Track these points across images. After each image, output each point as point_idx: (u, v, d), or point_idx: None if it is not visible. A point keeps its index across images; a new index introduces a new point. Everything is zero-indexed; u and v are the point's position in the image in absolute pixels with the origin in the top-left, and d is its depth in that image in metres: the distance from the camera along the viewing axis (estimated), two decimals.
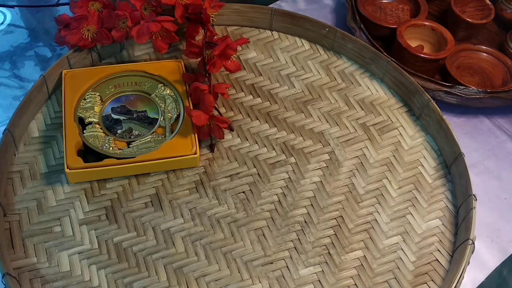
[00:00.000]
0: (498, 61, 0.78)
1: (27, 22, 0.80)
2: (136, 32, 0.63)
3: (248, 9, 0.74)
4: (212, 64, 0.63)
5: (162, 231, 0.57)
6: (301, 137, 0.65)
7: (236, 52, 0.64)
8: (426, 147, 0.66)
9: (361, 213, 0.60)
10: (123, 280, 0.53)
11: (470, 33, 0.81)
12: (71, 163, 0.57)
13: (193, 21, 0.67)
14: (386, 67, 0.70)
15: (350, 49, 0.72)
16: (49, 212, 0.57)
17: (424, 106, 0.66)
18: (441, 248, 0.58)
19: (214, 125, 0.61)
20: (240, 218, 0.58)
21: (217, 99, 0.64)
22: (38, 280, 0.52)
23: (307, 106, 0.68)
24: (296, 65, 0.72)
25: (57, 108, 0.64)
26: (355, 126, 0.67)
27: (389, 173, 0.63)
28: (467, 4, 0.82)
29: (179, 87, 0.64)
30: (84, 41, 0.65)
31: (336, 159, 0.64)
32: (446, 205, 0.61)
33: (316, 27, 0.73)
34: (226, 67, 0.65)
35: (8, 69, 0.74)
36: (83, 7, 0.66)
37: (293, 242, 0.57)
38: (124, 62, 0.69)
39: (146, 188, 0.59)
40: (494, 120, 0.74)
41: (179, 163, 0.60)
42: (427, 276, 0.56)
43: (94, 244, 0.55)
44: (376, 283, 0.55)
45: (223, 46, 0.62)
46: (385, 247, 0.58)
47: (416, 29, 0.77)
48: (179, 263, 0.55)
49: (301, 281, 0.55)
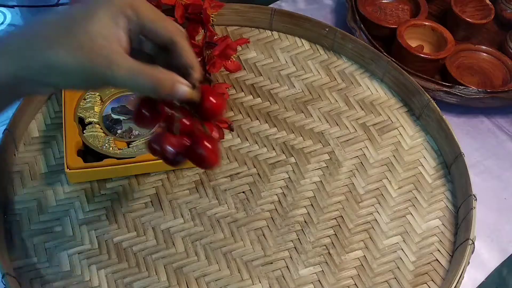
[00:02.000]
0: (498, 61, 0.78)
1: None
2: None
3: (248, 9, 0.74)
4: (212, 64, 0.63)
5: (162, 231, 0.57)
6: (301, 137, 0.65)
7: (236, 52, 0.64)
8: (426, 147, 0.66)
9: (361, 213, 0.60)
10: (123, 280, 0.53)
11: (470, 33, 0.81)
12: (71, 163, 0.57)
13: (193, 21, 0.67)
14: (386, 67, 0.70)
15: (350, 49, 0.72)
16: (49, 212, 0.57)
17: (424, 106, 0.66)
18: (441, 248, 0.58)
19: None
20: (240, 218, 0.58)
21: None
22: (38, 280, 0.52)
23: (307, 106, 0.68)
24: (296, 65, 0.72)
25: (57, 108, 0.64)
26: (355, 126, 0.67)
27: (389, 173, 0.63)
28: (467, 4, 0.82)
29: None
30: None
31: (336, 159, 0.64)
32: (446, 205, 0.61)
33: (316, 27, 0.73)
34: (226, 67, 0.65)
35: None
36: None
37: (293, 242, 0.57)
38: None
39: (146, 188, 0.59)
40: (494, 120, 0.74)
41: None
42: (427, 276, 0.56)
43: (94, 244, 0.55)
44: (376, 283, 0.55)
45: (223, 46, 0.62)
46: (385, 247, 0.58)
47: (416, 29, 0.77)
48: (179, 263, 0.55)
49: (301, 281, 0.55)
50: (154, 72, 0.38)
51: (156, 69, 0.38)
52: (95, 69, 0.36)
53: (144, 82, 0.38)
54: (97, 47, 0.36)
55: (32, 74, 0.37)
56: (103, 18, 0.37)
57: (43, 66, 0.36)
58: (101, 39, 0.36)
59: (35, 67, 0.36)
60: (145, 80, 0.38)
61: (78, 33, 0.36)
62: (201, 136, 0.42)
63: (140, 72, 0.37)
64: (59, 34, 0.36)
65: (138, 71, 0.37)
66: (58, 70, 0.36)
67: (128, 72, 0.37)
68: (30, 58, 0.36)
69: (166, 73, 0.39)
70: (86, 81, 0.38)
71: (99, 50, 0.36)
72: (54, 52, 0.36)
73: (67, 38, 0.36)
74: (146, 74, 0.38)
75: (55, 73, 0.37)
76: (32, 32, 0.37)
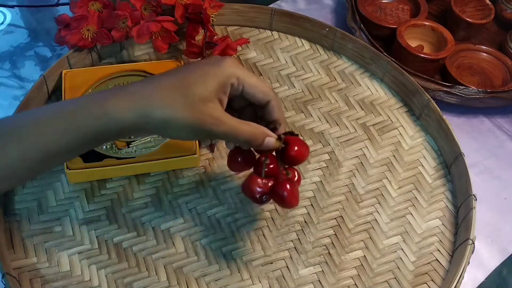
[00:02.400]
0: (498, 61, 0.78)
1: (27, 22, 0.80)
2: (136, 32, 0.63)
3: (248, 9, 0.74)
4: None
5: (162, 231, 0.57)
6: (301, 137, 0.65)
7: (236, 52, 0.64)
8: (426, 147, 0.66)
9: (361, 213, 0.60)
10: (123, 280, 0.53)
11: (470, 33, 0.81)
12: (71, 163, 0.57)
13: (193, 21, 0.67)
14: (386, 67, 0.70)
15: (350, 49, 0.72)
16: (49, 212, 0.57)
17: (424, 106, 0.66)
18: (441, 248, 0.58)
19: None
20: (240, 218, 0.58)
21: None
22: (38, 280, 0.52)
23: (307, 106, 0.68)
24: (296, 65, 0.72)
25: None
26: (355, 126, 0.67)
27: (389, 173, 0.63)
28: (467, 4, 0.82)
29: None
30: (84, 41, 0.65)
31: (336, 159, 0.64)
32: (446, 205, 0.61)
33: (316, 27, 0.73)
34: None
35: (8, 69, 0.74)
36: (83, 7, 0.66)
37: (293, 242, 0.57)
38: (124, 62, 0.69)
39: (146, 188, 0.59)
40: (494, 120, 0.74)
41: (179, 163, 0.60)
42: (427, 276, 0.56)
43: (94, 244, 0.55)
44: (376, 283, 0.55)
45: (223, 46, 0.62)
46: (385, 247, 0.58)
47: (416, 29, 0.77)
48: (179, 263, 0.55)
49: (301, 281, 0.55)
50: (250, 128, 0.47)
51: (250, 125, 0.47)
52: (205, 127, 0.44)
53: (242, 136, 0.46)
54: (207, 110, 0.44)
55: (149, 125, 0.44)
56: (212, 86, 0.44)
57: (161, 121, 0.43)
58: (210, 103, 0.44)
59: (153, 122, 0.43)
60: (243, 134, 0.46)
61: (192, 97, 0.43)
62: (284, 179, 0.50)
63: (239, 128, 0.46)
64: (175, 97, 0.43)
65: (237, 128, 0.46)
66: (174, 126, 0.44)
67: (230, 128, 0.45)
68: (150, 113, 0.43)
69: (258, 128, 0.47)
70: (195, 135, 0.47)
71: (209, 112, 0.44)
72: (172, 112, 0.43)
73: (184, 100, 0.43)
74: (244, 130, 0.46)
75: (170, 127, 0.44)
76: (150, 92, 0.43)
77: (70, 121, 0.42)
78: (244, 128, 0.46)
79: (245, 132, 0.46)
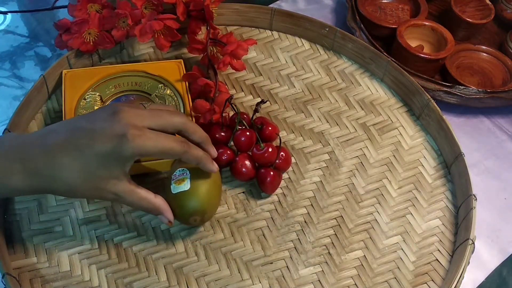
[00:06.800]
0: (498, 61, 0.78)
1: (27, 22, 0.80)
2: (138, 31, 0.63)
3: (248, 9, 0.74)
4: (222, 62, 0.63)
5: (162, 231, 0.57)
6: (301, 137, 0.65)
7: (247, 53, 0.65)
8: (426, 147, 0.66)
9: (361, 213, 0.60)
10: (123, 280, 0.53)
11: (470, 33, 0.81)
12: None
13: (195, 18, 0.67)
14: (386, 67, 0.70)
15: (350, 49, 0.72)
16: (49, 212, 0.57)
17: (424, 106, 0.66)
18: (441, 248, 0.58)
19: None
20: (240, 218, 0.58)
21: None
22: (38, 280, 0.52)
23: (307, 106, 0.68)
24: (296, 65, 0.72)
25: (57, 108, 0.64)
26: (355, 126, 0.67)
27: (389, 173, 0.63)
28: (467, 4, 0.82)
29: (179, 87, 0.64)
30: (86, 45, 0.65)
31: (336, 159, 0.64)
32: (446, 205, 0.61)
33: (316, 27, 0.73)
34: (233, 66, 0.65)
35: (8, 69, 0.74)
36: (82, 10, 0.65)
37: (293, 242, 0.57)
38: (124, 62, 0.69)
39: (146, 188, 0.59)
40: (494, 120, 0.74)
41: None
42: (427, 276, 0.56)
43: (94, 244, 0.55)
44: (376, 283, 0.55)
45: (234, 47, 0.63)
46: (385, 247, 0.58)
47: (416, 29, 0.77)
48: (179, 263, 0.55)
49: (301, 281, 0.55)
50: (147, 203, 0.51)
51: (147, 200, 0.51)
52: (107, 199, 0.53)
53: (141, 209, 0.52)
54: (107, 186, 0.48)
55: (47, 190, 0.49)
56: (114, 169, 0.48)
57: (62, 185, 0.47)
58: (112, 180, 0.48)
59: (53, 186, 0.47)
60: (141, 208, 0.52)
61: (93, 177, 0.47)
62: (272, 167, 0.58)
63: (137, 204, 0.51)
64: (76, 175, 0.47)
65: (137, 203, 0.51)
66: (76, 191, 0.48)
67: (130, 203, 0.51)
68: (50, 179, 0.47)
69: (154, 204, 0.51)
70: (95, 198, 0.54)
71: (109, 188, 0.48)
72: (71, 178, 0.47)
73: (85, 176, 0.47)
74: (142, 205, 0.51)
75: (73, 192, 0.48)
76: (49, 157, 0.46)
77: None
78: (143, 203, 0.51)
79: (143, 207, 0.51)
